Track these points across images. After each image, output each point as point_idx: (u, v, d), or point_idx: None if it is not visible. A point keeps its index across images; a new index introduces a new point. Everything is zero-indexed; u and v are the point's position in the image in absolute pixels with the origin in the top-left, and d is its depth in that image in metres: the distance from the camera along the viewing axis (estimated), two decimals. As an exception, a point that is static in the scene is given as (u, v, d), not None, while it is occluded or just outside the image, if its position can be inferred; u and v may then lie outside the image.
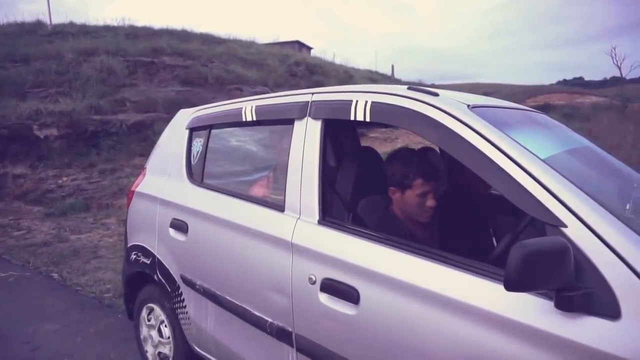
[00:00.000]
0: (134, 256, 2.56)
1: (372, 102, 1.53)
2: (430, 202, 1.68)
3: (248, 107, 2.03)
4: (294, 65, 16.14)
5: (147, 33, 15.56)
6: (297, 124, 1.75)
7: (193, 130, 2.43)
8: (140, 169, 2.98)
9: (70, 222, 6.55)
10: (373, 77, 19.69)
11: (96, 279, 4.29)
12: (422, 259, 1.30)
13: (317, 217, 1.60)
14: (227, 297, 1.91)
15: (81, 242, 5.61)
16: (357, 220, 1.74)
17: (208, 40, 16.63)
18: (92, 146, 9.14)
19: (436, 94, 1.46)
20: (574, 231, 1.07)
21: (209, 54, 14.15)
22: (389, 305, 1.33)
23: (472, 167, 1.28)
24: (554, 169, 1.18)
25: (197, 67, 12.70)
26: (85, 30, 15.17)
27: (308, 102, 1.73)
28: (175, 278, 2.24)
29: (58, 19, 16.85)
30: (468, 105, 1.40)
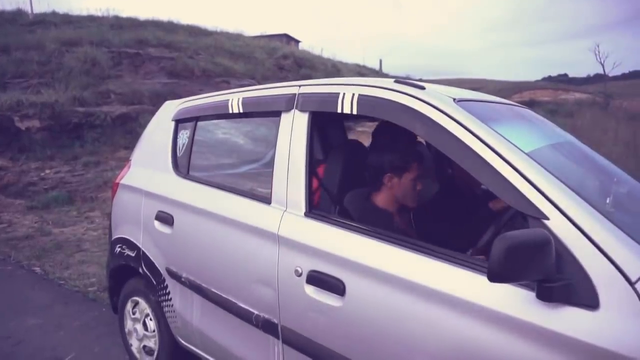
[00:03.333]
0: (119, 249, 2.54)
1: (359, 95, 1.53)
2: (419, 185, 1.75)
3: (235, 99, 2.01)
4: (281, 58, 16.05)
5: (132, 24, 15.30)
6: (284, 116, 1.74)
7: (179, 122, 2.41)
8: (125, 162, 2.94)
9: (54, 216, 6.44)
10: (361, 72, 19.68)
11: (80, 272, 4.24)
12: (407, 250, 1.32)
13: (303, 210, 1.61)
14: (213, 290, 1.91)
15: (65, 235, 5.53)
16: (343, 213, 1.75)
17: (195, 32, 16.43)
18: (76, 138, 8.98)
19: (422, 87, 1.46)
20: (556, 224, 1.09)
21: (195, 46, 13.98)
22: (374, 297, 1.34)
23: (458, 160, 1.30)
24: (537, 162, 1.20)
25: (183, 59, 12.55)
26: (68, 20, 14.86)
27: (295, 94, 1.73)
28: (161, 271, 2.22)
29: (40, 7, 16.56)
30: (454, 99, 1.42)
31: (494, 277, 1.01)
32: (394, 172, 1.72)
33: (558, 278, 1.03)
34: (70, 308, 3.49)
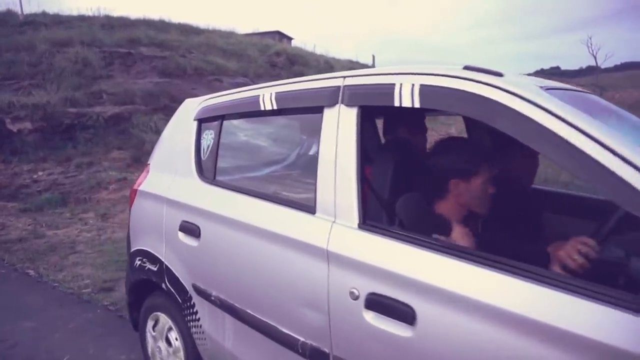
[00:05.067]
0: (139, 262, 2.31)
1: (422, 86, 1.31)
2: (491, 189, 1.52)
3: (266, 94, 1.79)
4: (274, 55, 16.02)
5: (124, 23, 15.22)
6: (327, 112, 1.52)
7: (202, 121, 2.19)
8: (117, 162, 2.91)
9: (47, 218, 6.42)
10: (354, 67, 19.63)
11: (74, 274, 4.24)
12: (486, 269, 1.10)
13: (356, 220, 1.39)
14: (249, 311, 1.69)
15: (58, 237, 5.52)
16: (394, 222, 1.53)
17: (186, 30, 16.35)
18: (68, 139, 8.95)
19: (500, 74, 1.26)
20: None
21: (187, 44, 13.93)
22: (451, 326, 1.13)
23: (556, 159, 1.09)
24: None
25: (175, 58, 12.50)
26: (58, 20, 14.76)
27: (339, 87, 1.51)
28: (187, 287, 2.01)
29: (30, 8, 16.38)
30: (541, 87, 1.21)
31: None
32: (460, 177, 1.50)
33: None
34: (65, 310, 3.49)
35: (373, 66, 23.45)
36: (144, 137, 9.15)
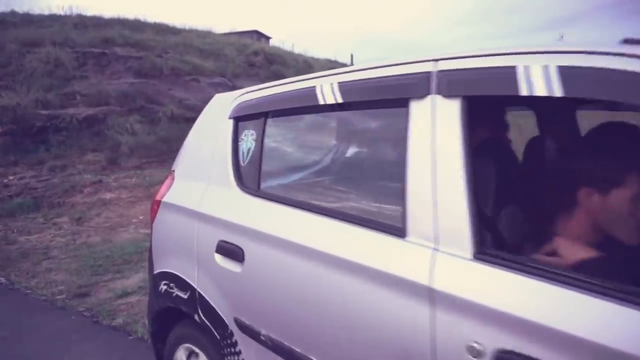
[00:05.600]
0: (165, 287, 1.98)
1: (561, 68, 0.98)
2: None
3: (326, 85, 1.47)
4: (252, 55, 15.92)
5: (97, 23, 14.89)
6: (415, 105, 1.20)
7: (239, 120, 1.86)
8: (91, 165, 2.82)
9: (19, 223, 6.24)
10: (333, 67, 19.67)
11: (47, 280, 4.13)
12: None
13: (470, 248, 1.05)
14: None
15: (31, 243, 5.37)
16: (498, 244, 1.18)
17: (162, 30, 16.10)
18: (41, 142, 8.70)
19: None
20: None
21: (163, 44, 13.71)
22: None
23: None
24: None
25: (151, 58, 12.29)
26: (29, 20, 14.34)
27: (430, 73, 1.20)
28: (227, 321, 1.67)
29: (-2, 7, 15.85)
30: None
31: None
32: (595, 186, 1.12)
33: None
34: (38, 318, 3.40)
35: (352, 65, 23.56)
36: (120, 139, 8.98)
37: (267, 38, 27.37)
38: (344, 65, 22.81)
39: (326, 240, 1.35)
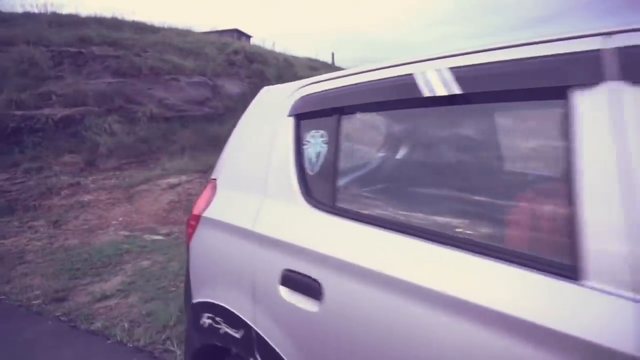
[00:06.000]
0: (209, 321, 1.67)
1: None
2: None
3: (430, 71, 1.15)
4: (232, 54, 15.79)
5: (73, 21, 14.56)
6: (580, 96, 0.91)
7: (301, 118, 1.54)
8: (72, 170, 2.73)
9: (-7, 227, 6.07)
10: (313, 65, 19.69)
11: (23, 285, 4.03)
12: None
13: None
14: None
15: (5, 247, 5.23)
16: None
17: (141, 28, 15.84)
18: (15, 144, 8.47)
19: None
20: None
21: (142, 43, 13.49)
22: None
23: None
24: None
25: (129, 57, 12.08)
26: (1, 18, 13.96)
27: (598, 51, 0.90)
28: None
29: (-32, 5, 15.38)
30: None
31: None
32: None
33: None
34: (13, 324, 3.31)
35: (333, 63, 23.57)
36: (98, 140, 8.83)
37: (248, 37, 27.21)
38: (325, 63, 22.83)
39: (450, 279, 1.00)
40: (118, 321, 3.22)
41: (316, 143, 1.47)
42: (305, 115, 1.52)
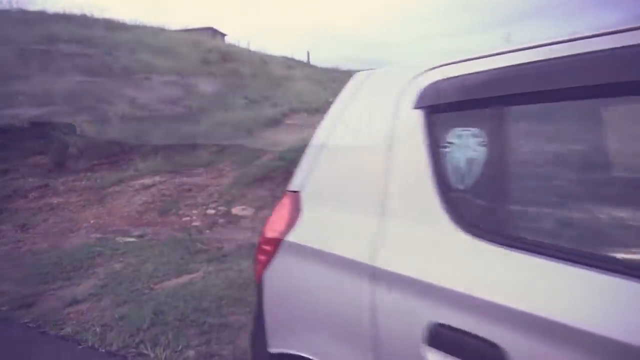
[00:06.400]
0: None
1: None
2: None
3: None
4: (206, 52, 15.64)
5: (40, 18, 14.18)
6: None
7: (437, 111, 1.13)
8: (38, 172, 2.64)
9: (-44, 232, 5.85)
10: (289, 64, 19.65)
11: (-11, 291, 3.90)
12: None
13: None
14: None
15: (-30, 253, 5.05)
16: None
17: (112, 26, 15.54)
18: (-22, 146, 8.21)
19: None
20: None
21: (113, 41, 13.24)
22: None
23: None
24: None
25: (100, 55, 11.85)
26: (-37, 15, 13.47)
27: None
28: None
29: None
30: None
31: None
32: None
33: None
34: (-22, 331, 3.20)
35: (308, 62, 23.59)
36: (68, 141, 8.60)
37: (223, 35, 26.96)
38: (300, 62, 22.77)
39: None
40: (90, 325, 3.15)
41: (466, 146, 1.06)
42: (442, 108, 1.12)
